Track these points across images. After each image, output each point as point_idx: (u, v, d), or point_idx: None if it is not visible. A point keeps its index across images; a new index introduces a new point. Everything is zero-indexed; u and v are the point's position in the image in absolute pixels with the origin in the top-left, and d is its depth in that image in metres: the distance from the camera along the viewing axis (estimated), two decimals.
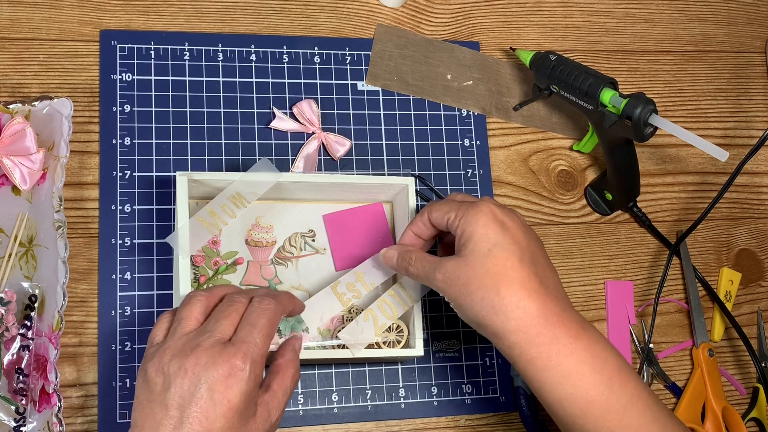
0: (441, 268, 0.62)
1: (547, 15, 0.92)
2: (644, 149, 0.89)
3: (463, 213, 0.62)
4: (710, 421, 0.81)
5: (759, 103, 0.95)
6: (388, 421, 0.75)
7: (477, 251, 0.60)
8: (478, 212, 0.61)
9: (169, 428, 0.52)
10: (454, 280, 0.61)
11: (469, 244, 0.61)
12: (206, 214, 0.69)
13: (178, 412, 0.52)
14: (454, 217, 0.63)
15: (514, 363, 0.60)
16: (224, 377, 0.52)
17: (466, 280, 0.60)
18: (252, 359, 0.54)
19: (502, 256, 0.59)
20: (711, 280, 0.87)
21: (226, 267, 0.74)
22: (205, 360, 0.53)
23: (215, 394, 0.52)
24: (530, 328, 0.58)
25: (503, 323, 0.59)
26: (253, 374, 0.54)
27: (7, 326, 0.67)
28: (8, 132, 0.69)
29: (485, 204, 0.62)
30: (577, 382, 0.58)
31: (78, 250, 0.73)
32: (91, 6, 0.80)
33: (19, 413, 0.65)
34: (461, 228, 0.62)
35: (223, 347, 0.54)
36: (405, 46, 0.86)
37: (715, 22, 0.97)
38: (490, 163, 0.84)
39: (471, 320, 0.62)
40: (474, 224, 0.61)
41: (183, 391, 0.52)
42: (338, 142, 0.80)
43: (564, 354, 0.58)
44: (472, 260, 0.60)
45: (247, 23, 0.83)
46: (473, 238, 0.61)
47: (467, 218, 0.62)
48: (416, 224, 0.68)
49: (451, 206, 0.64)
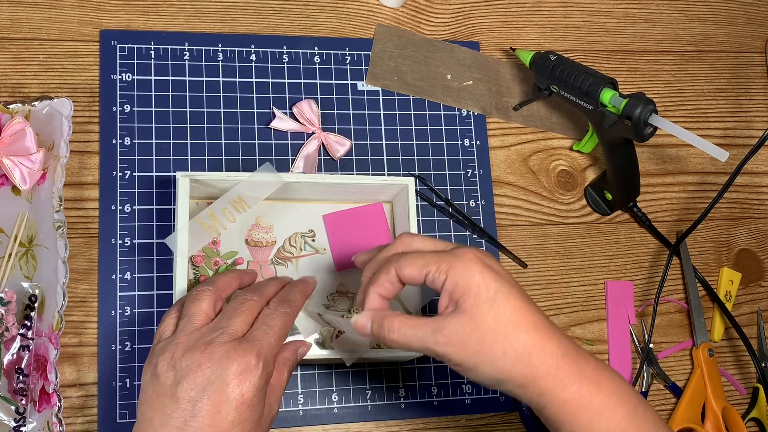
0: (441, 330, 0.55)
1: (547, 15, 0.92)
2: (644, 149, 0.89)
3: (448, 265, 0.56)
4: (710, 421, 0.81)
5: (759, 103, 0.95)
6: (388, 421, 0.75)
7: (480, 303, 0.55)
8: (466, 261, 0.56)
9: (180, 421, 0.52)
10: (465, 340, 0.55)
11: (468, 297, 0.55)
12: (206, 217, 0.69)
13: (189, 405, 0.52)
14: (436, 271, 0.56)
15: (542, 409, 0.56)
16: (239, 372, 0.53)
17: (480, 337, 0.54)
18: (265, 357, 0.55)
19: (509, 301, 0.55)
20: (711, 280, 0.87)
21: (226, 267, 0.74)
22: (220, 355, 0.54)
23: (229, 389, 0.53)
24: (558, 370, 0.55)
25: (532, 371, 0.55)
26: (266, 371, 0.55)
27: (7, 326, 0.67)
28: (8, 132, 0.69)
29: (468, 251, 0.57)
30: (610, 416, 0.56)
31: (78, 250, 0.73)
32: (91, 6, 0.80)
33: (19, 413, 0.65)
34: (451, 281, 0.56)
35: (237, 343, 0.55)
36: (405, 46, 0.86)
37: (715, 22, 0.97)
38: (490, 163, 0.84)
39: (490, 378, 0.56)
40: (467, 275, 0.55)
41: (196, 384, 0.53)
42: (338, 142, 0.80)
43: (593, 390, 0.56)
44: (478, 313, 0.55)
45: (247, 23, 0.83)
46: (471, 289, 0.55)
47: (456, 270, 0.56)
48: (382, 285, 0.59)
49: (426, 259, 0.57)
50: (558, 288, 0.83)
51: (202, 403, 0.52)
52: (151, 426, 0.53)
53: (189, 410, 0.52)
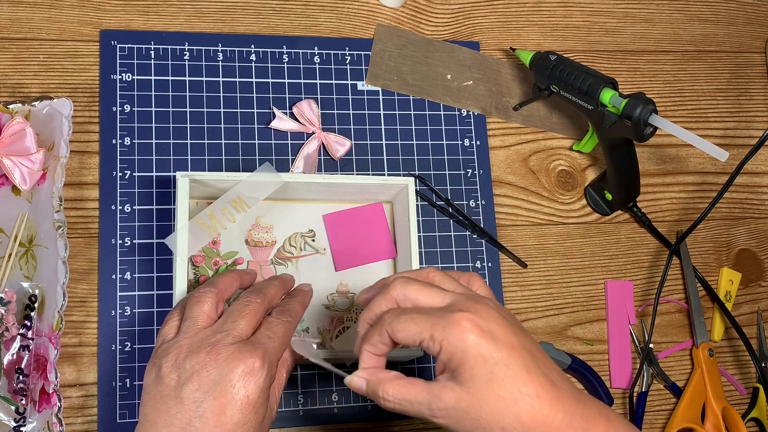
0: (437, 401, 0.53)
1: (547, 15, 0.92)
2: (644, 149, 0.89)
3: (441, 334, 0.52)
4: (710, 421, 0.81)
5: (759, 103, 0.95)
6: (388, 420, 0.75)
7: (477, 377, 0.52)
8: (461, 331, 0.52)
9: (184, 422, 0.52)
10: (462, 416, 0.52)
11: (465, 370, 0.52)
12: (206, 217, 0.69)
13: (194, 406, 0.53)
14: (430, 339, 0.53)
15: None
16: (244, 374, 0.54)
17: (478, 414, 0.52)
18: (269, 360, 0.55)
19: (509, 374, 0.52)
20: (711, 280, 0.87)
21: (226, 267, 0.74)
22: (225, 356, 0.54)
23: (234, 389, 0.53)
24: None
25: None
26: (269, 374, 0.55)
27: (7, 326, 0.67)
28: (8, 132, 0.69)
29: (463, 317, 0.53)
30: None
31: (78, 250, 0.73)
32: (91, 6, 0.80)
33: (19, 413, 0.65)
34: (446, 352, 0.52)
35: (242, 345, 0.55)
36: (405, 46, 0.86)
37: (715, 22, 0.97)
38: (490, 163, 0.84)
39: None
40: (462, 346, 0.52)
41: (201, 385, 0.53)
42: (338, 142, 0.80)
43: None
44: (475, 389, 0.52)
45: (247, 23, 0.83)
46: (467, 361, 0.52)
47: (449, 340, 0.52)
48: (374, 345, 0.56)
49: (419, 325, 0.54)
50: (558, 288, 0.83)
51: (207, 403, 0.53)
52: (154, 427, 0.53)
53: (193, 411, 0.53)
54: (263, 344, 0.56)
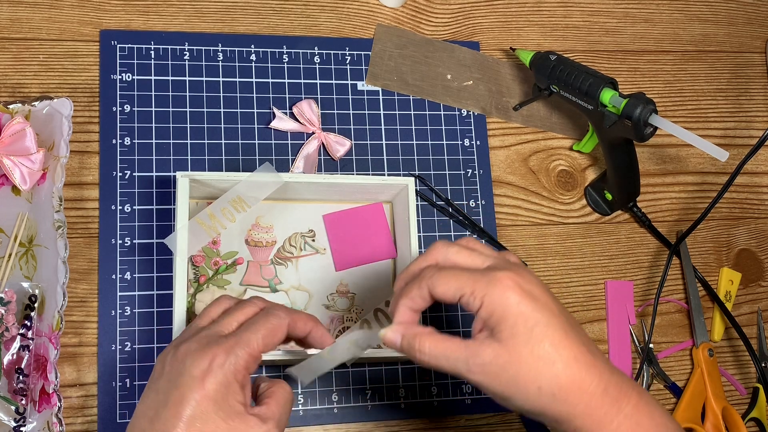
0: (476, 357, 0.53)
1: (547, 15, 0.92)
2: (644, 149, 0.89)
3: (483, 290, 0.53)
4: (710, 421, 0.81)
5: (759, 103, 0.95)
6: (388, 421, 0.75)
7: (518, 335, 0.52)
8: (503, 288, 0.53)
9: (152, 412, 0.52)
10: (499, 372, 0.53)
11: (504, 328, 0.53)
12: (206, 217, 0.69)
13: (163, 396, 0.52)
14: (471, 294, 0.54)
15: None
16: (206, 365, 0.52)
17: (515, 371, 0.52)
18: (236, 354, 0.53)
19: (548, 334, 0.53)
20: (711, 280, 0.87)
21: (226, 267, 0.74)
22: (195, 348, 0.53)
23: (193, 381, 0.52)
24: (597, 408, 0.53)
25: (568, 409, 0.53)
26: (232, 367, 0.53)
27: (7, 326, 0.67)
28: (8, 132, 0.69)
29: (506, 276, 0.54)
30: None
31: (78, 250, 0.73)
32: (91, 6, 0.80)
33: (19, 413, 0.65)
34: (487, 308, 0.53)
35: (215, 339, 0.54)
36: (405, 46, 0.86)
37: (715, 22, 0.97)
38: (490, 163, 0.84)
39: (523, 410, 0.55)
40: (504, 303, 0.53)
41: (171, 375, 0.53)
42: (338, 142, 0.80)
43: (632, 427, 0.54)
44: (515, 346, 0.52)
45: (247, 23, 0.83)
46: (507, 319, 0.53)
47: (491, 297, 0.53)
48: (413, 299, 0.57)
49: (461, 280, 0.54)
50: (558, 288, 0.83)
51: (172, 393, 0.52)
52: (135, 417, 0.53)
53: (162, 401, 0.52)
54: (237, 337, 0.54)
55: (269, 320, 0.56)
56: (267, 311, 0.57)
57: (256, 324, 0.56)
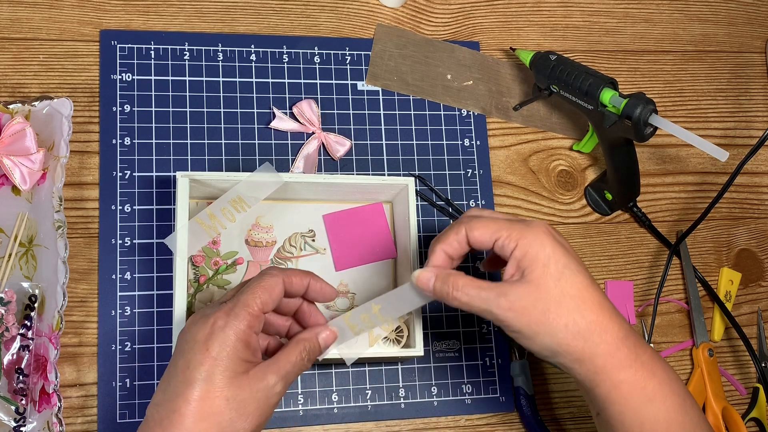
0: (506, 296, 0.57)
1: (547, 15, 0.92)
2: (644, 149, 0.89)
3: (519, 234, 0.57)
4: (710, 421, 0.81)
5: (759, 103, 0.95)
6: (388, 421, 0.75)
7: (549, 275, 0.56)
8: (538, 233, 0.57)
9: (164, 383, 0.54)
10: (528, 308, 0.56)
11: (537, 268, 0.56)
12: (206, 217, 0.69)
13: (173, 367, 0.54)
14: (507, 237, 0.58)
15: (595, 387, 0.58)
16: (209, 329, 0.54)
17: (544, 307, 0.56)
18: (235, 314, 0.54)
19: (577, 278, 0.57)
20: (711, 280, 0.87)
21: (226, 267, 0.74)
22: (198, 317, 0.55)
23: (197, 345, 0.54)
24: (617, 350, 0.57)
25: (591, 348, 0.56)
26: (233, 327, 0.54)
27: (7, 326, 0.67)
28: (8, 132, 0.69)
29: (541, 224, 0.58)
30: (660, 404, 0.57)
31: (78, 250, 0.73)
32: (91, 6, 0.80)
33: (19, 413, 0.65)
34: (521, 250, 0.57)
35: (216, 306, 0.56)
36: (405, 46, 0.86)
37: (715, 22, 0.97)
38: (490, 163, 0.84)
39: (546, 348, 0.57)
40: (537, 246, 0.57)
41: (179, 347, 0.55)
42: (338, 142, 0.80)
43: (648, 376, 0.57)
44: (546, 284, 0.56)
45: (247, 23, 0.83)
46: (539, 260, 0.56)
47: (527, 239, 0.57)
48: (450, 243, 0.60)
49: (499, 224, 0.59)
50: None
51: (179, 362, 0.54)
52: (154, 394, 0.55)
53: (172, 370, 0.54)
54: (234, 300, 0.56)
55: (263, 279, 0.57)
56: (261, 273, 0.59)
57: (251, 286, 0.57)
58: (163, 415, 0.52)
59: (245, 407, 0.53)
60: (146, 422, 0.54)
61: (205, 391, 0.52)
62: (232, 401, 0.53)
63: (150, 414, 0.54)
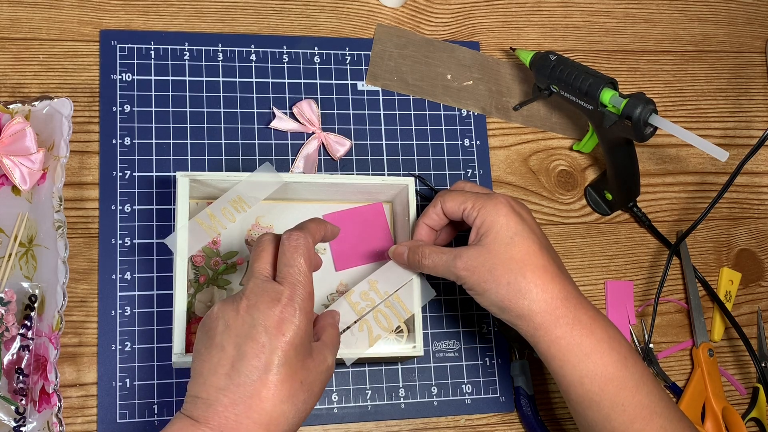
0: (462, 256, 0.64)
1: (547, 15, 0.92)
2: (644, 149, 0.89)
3: (482, 204, 0.65)
4: (710, 421, 0.81)
5: (759, 103, 0.95)
6: (388, 421, 0.75)
7: (499, 240, 0.64)
8: (497, 203, 0.65)
9: (227, 367, 0.54)
10: (478, 267, 0.64)
11: (491, 233, 0.64)
12: (206, 217, 0.69)
13: (235, 351, 0.54)
14: (471, 208, 0.66)
15: (537, 343, 0.64)
16: (278, 316, 0.54)
17: (491, 266, 0.63)
18: (300, 297, 0.56)
19: (525, 243, 0.63)
20: (711, 280, 0.87)
21: (226, 267, 0.74)
22: (255, 301, 0.55)
23: (270, 330, 0.54)
24: (555, 309, 0.62)
25: (529, 305, 0.62)
26: (303, 311, 0.55)
27: (7, 326, 0.67)
28: (8, 132, 0.69)
29: (502, 196, 0.66)
30: (598, 360, 0.62)
31: (78, 250, 0.73)
32: (91, 6, 0.80)
33: (19, 413, 0.65)
34: (480, 218, 0.65)
35: (268, 286, 0.56)
36: (405, 46, 0.86)
37: (715, 22, 0.97)
38: (490, 163, 0.84)
39: (493, 304, 0.64)
40: (494, 215, 0.64)
41: (238, 330, 0.54)
42: (338, 142, 0.80)
43: (585, 334, 0.62)
44: (495, 248, 0.63)
45: (247, 23, 0.83)
46: (494, 227, 0.64)
47: (486, 209, 0.65)
48: (429, 216, 0.69)
49: (466, 196, 0.67)
50: None
51: (247, 345, 0.54)
52: (201, 377, 0.54)
53: (235, 354, 0.54)
54: (286, 281, 0.56)
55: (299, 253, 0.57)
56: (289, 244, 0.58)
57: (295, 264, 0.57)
58: (237, 399, 0.53)
59: (313, 387, 0.56)
60: (210, 406, 0.53)
61: (285, 375, 0.54)
62: (305, 383, 0.55)
63: (214, 398, 0.53)
